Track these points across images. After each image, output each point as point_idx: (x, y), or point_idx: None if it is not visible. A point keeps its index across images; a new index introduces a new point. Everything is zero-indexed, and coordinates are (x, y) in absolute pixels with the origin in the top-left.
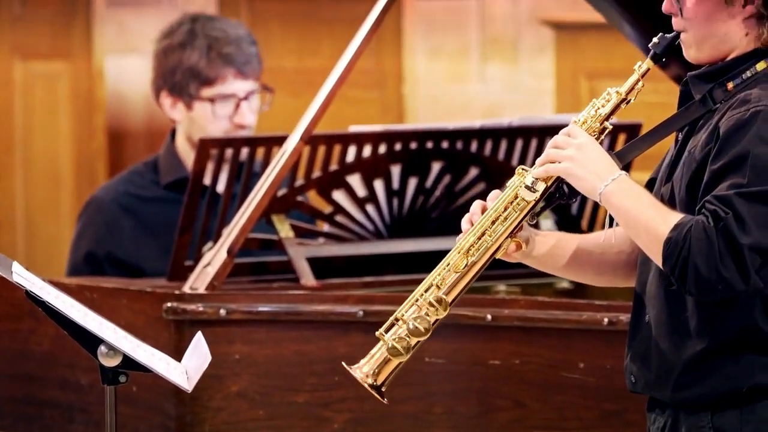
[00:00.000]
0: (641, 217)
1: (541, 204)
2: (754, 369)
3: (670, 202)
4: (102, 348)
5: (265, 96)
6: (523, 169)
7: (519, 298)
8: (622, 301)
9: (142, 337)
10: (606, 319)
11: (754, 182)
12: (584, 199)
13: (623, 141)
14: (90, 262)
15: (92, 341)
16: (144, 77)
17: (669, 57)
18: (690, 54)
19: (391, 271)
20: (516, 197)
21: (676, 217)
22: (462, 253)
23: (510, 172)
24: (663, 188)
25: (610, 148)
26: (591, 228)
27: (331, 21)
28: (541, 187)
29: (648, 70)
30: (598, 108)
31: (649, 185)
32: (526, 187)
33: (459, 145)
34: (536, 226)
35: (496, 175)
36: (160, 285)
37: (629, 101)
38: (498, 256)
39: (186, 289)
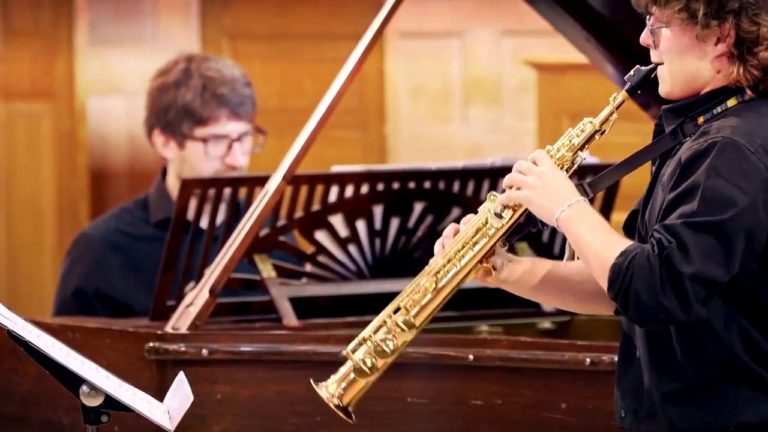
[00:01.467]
0: (592, 244)
1: (510, 230)
2: (739, 404)
3: (646, 233)
4: (84, 388)
5: (257, 138)
6: (494, 195)
7: (501, 338)
8: (604, 341)
9: (125, 377)
10: (588, 360)
11: (703, 212)
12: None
13: None
14: (78, 299)
15: (74, 381)
16: (126, 117)
17: (644, 89)
18: (665, 89)
19: (374, 311)
20: (486, 223)
21: (624, 244)
22: (431, 276)
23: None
24: (640, 222)
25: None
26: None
27: (314, 61)
28: (508, 214)
29: (623, 101)
30: (572, 138)
31: (633, 217)
32: (495, 214)
33: (441, 185)
34: (512, 250)
35: None
36: (142, 325)
37: (604, 132)
38: (468, 281)
39: (168, 329)
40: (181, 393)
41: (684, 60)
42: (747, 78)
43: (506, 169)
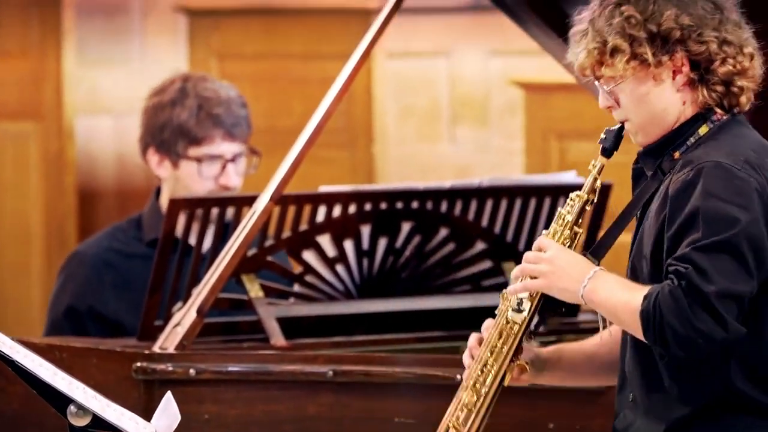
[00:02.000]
0: (618, 303)
1: (534, 321)
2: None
3: (639, 276)
4: (71, 408)
5: (251, 159)
6: (505, 292)
7: None
8: None
9: (112, 397)
10: None
11: (708, 234)
12: None
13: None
14: (70, 318)
15: (61, 401)
16: (114, 137)
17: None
18: (638, 140)
19: (361, 331)
20: (507, 322)
21: (645, 290)
22: (470, 389)
23: (479, 233)
24: (629, 269)
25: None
26: None
27: (302, 81)
28: (527, 306)
29: (603, 166)
30: (564, 216)
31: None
32: (513, 309)
33: (429, 205)
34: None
35: (466, 236)
36: (129, 345)
37: (592, 201)
38: (506, 383)
39: (155, 348)
40: (168, 413)
41: (650, 105)
42: (713, 97)
43: (494, 190)
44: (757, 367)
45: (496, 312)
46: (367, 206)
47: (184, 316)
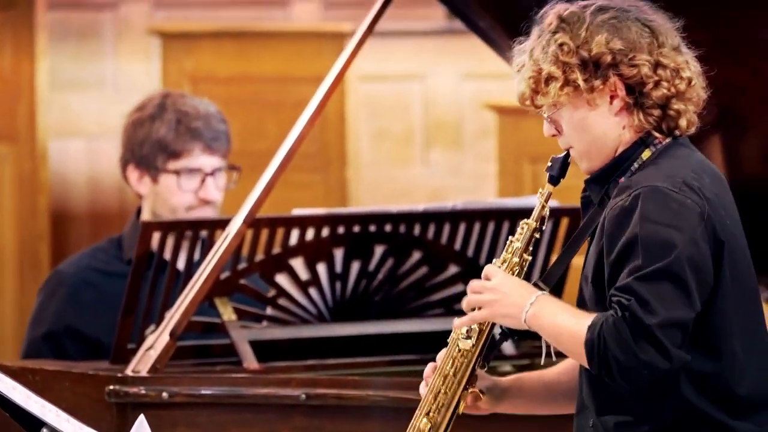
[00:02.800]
0: (562, 330)
1: (483, 350)
2: None
3: (585, 303)
4: (44, 431)
5: (231, 174)
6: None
7: None
8: None
9: (85, 420)
10: None
11: (648, 262)
12: None
13: (567, 224)
14: (49, 340)
15: (34, 424)
16: (87, 159)
17: (564, 175)
18: (584, 167)
19: (334, 354)
20: (459, 350)
21: (590, 319)
22: (424, 416)
23: (452, 256)
24: (578, 294)
25: (554, 232)
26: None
27: (276, 104)
28: (474, 334)
29: (550, 194)
30: (514, 243)
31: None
32: (463, 337)
33: (402, 228)
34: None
35: (439, 259)
36: (102, 368)
37: (541, 229)
38: (460, 411)
39: (128, 371)
40: None
41: (589, 131)
42: (650, 121)
43: (467, 213)
44: (716, 386)
45: (448, 340)
46: (341, 229)
47: (157, 339)
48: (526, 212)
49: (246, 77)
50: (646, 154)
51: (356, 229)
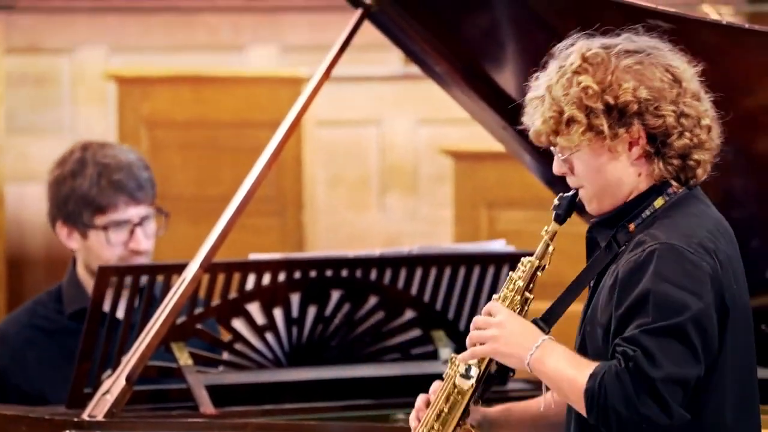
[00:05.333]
0: (564, 378)
1: (480, 387)
2: None
3: (591, 343)
4: None
5: (160, 219)
6: (454, 356)
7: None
8: None
9: None
10: None
11: (658, 318)
12: None
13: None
14: None
15: None
16: (44, 205)
17: (571, 214)
18: (592, 208)
19: (291, 399)
20: (455, 387)
21: (591, 368)
22: None
23: (409, 301)
24: (579, 338)
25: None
26: None
27: (232, 149)
28: (474, 372)
29: (555, 233)
30: (516, 281)
31: None
32: (461, 375)
33: (358, 273)
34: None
35: (395, 304)
36: (59, 412)
37: (544, 267)
38: None
39: (85, 416)
40: None
41: (604, 175)
42: (669, 170)
43: (423, 258)
44: None
45: (443, 376)
46: (297, 274)
47: (114, 384)
48: (482, 257)
49: (202, 122)
50: (658, 202)
51: (313, 274)
